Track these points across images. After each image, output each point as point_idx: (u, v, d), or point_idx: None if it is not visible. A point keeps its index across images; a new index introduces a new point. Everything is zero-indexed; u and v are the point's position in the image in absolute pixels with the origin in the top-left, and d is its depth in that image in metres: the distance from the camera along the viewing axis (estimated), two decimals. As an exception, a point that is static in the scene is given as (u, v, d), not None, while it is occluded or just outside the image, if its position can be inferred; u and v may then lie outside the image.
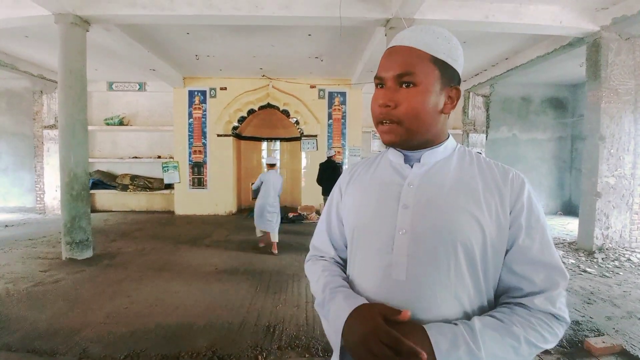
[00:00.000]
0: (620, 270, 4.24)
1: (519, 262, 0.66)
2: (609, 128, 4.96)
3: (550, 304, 0.63)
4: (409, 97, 0.67)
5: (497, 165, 0.73)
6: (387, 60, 0.69)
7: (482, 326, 0.60)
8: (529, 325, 0.61)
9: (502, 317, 0.62)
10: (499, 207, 0.67)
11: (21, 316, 2.85)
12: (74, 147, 4.58)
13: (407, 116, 0.67)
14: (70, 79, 4.54)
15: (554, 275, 0.65)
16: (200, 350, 2.37)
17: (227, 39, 5.89)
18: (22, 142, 8.49)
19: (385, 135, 0.71)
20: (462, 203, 0.66)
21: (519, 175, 0.71)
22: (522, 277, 0.66)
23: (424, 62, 0.66)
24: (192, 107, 8.49)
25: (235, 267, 4.30)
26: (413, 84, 0.66)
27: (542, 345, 0.61)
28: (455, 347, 0.57)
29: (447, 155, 0.74)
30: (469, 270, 0.65)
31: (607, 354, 2.35)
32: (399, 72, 0.67)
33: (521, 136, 8.97)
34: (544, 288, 0.64)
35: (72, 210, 4.56)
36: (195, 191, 8.63)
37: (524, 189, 0.69)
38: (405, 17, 4.41)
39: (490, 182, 0.69)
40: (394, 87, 0.68)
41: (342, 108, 8.65)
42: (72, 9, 4.40)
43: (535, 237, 0.66)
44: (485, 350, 0.57)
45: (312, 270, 0.85)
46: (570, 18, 4.80)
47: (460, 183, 0.69)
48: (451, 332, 0.59)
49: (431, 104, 0.68)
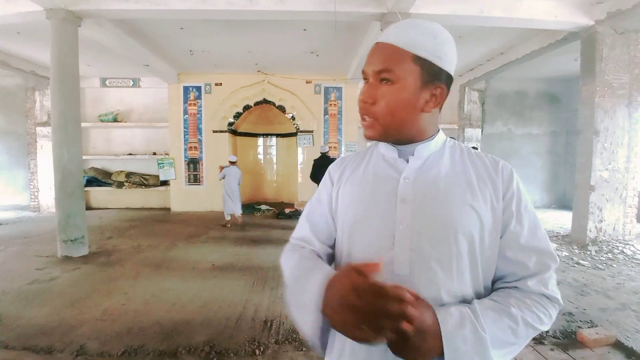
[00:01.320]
0: (614, 262, 4.30)
1: (511, 248, 0.68)
2: (603, 122, 4.99)
3: (542, 286, 0.66)
4: (386, 94, 0.67)
5: (487, 156, 0.75)
6: (371, 55, 0.70)
7: (483, 308, 0.62)
8: (525, 306, 0.63)
9: (500, 299, 0.64)
10: (493, 196, 0.69)
11: (17, 314, 2.84)
12: (67, 144, 4.54)
13: (382, 114, 0.68)
14: (62, 75, 4.49)
15: (545, 259, 0.68)
16: (197, 345, 2.38)
17: (222, 34, 5.83)
18: (15, 140, 8.39)
19: (366, 131, 0.73)
20: (459, 194, 0.67)
21: (507, 165, 0.73)
22: (515, 263, 0.68)
23: (404, 60, 0.66)
24: (187, 103, 8.43)
25: (232, 263, 4.31)
26: (391, 81, 0.67)
27: (538, 326, 0.63)
28: (461, 326, 0.58)
29: (438, 148, 0.75)
30: (470, 261, 0.66)
31: (600, 345, 2.38)
32: (379, 68, 0.67)
33: (516, 131, 9.02)
34: (536, 271, 0.67)
35: (66, 208, 4.53)
36: (191, 188, 8.60)
37: (513, 178, 0.71)
38: (401, 12, 4.39)
39: (482, 173, 0.71)
40: (375, 84, 0.69)
41: (338, 103, 8.64)
42: (63, 4, 4.34)
43: (525, 223, 0.69)
44: (489, 332, 0.59)
45: (289, 258, 0.79)
46: (565, 12, 4.80)
47: (455, 175, 0.70)
48: (458, 311, 0.60)
49: (408, 102, 0.68)
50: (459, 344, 0.57)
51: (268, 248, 4.99)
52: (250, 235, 5.75)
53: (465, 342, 0.57)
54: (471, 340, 0.57)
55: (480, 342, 0.58)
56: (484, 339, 0.58)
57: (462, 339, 0.57)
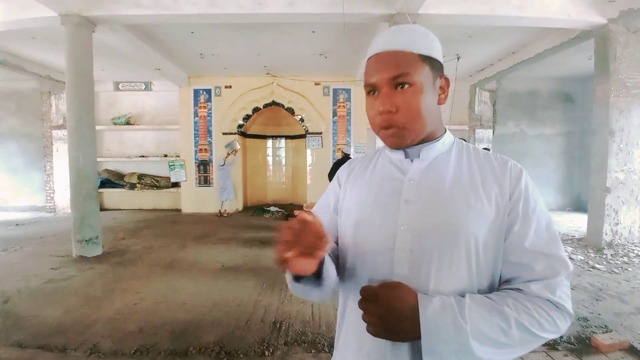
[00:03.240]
0: (629, 266, 4.19)
1: (515, 251, 0.65)
2: (618, 122, 4.88)
3: (548, 291, 0.62)
4: (408, 98, 0.67)
5: (496, 156, 0.73)
6: (377, 66, 0.69)
7: (472, 302, 0.60)
8: (523, 308, 0.60)
9: (495, 297, 0.62)
10: (499, 197, 0.67)
11: (33, 313, 2.92)
12: (82, 147, 4.64)
13: (411, 118, 0.67)
14: (77, 79, 4.60)
15: (554, 264, 0.64)
16: (208, 345, 2.41)
17: (231, 37, 5.90)
18: (31, 143, 8.62)
19: (391, 139, 0.71)
20: (464, 197, 0.67)
21: (516, 165, 0.71)
22: (519, 266, 0.65)
23: (414, 61, 0.67)
24: (197, 105, 8.54)
25: (242, 264, 4.34)
26: (409, 84, 0.67)
27: (538, 332, 0.59)
28: (441, 314, 0.58)
29: (445, 149, 0.74)
30: (472, 264, 0.65)
31: (614, 350, 2.33)
32: (394, 74, 0.66)
33: (529, 131, 8.86)
34: (543, 276, 0.63)
35: (81, 209, 4.63)
36: (202, 189, 8.70)
37: (522, 178, 0.69)
38: (410, 12, 4.37)
39: (489, 174, 0.70)
40: (390, 92, 0.68)
41: (346, 105, 8.63)
42: (77, 10, 4.45)
43: (531, 225, 0.65)
44: (471, 324, 0.57)
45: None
46: (577, 10, 4.71)
47: (460, 177, 0.70)
48: (440, 300, 0.60)
49: (429, 100, 0.69)
50: (435, 330, 0.57)
51: (277, 249, 5.01)
52: (259, 237, 5.78)
53: (442, 329, 0.57)
54: (449, 329, 0.57)
55: (459, 332, 0.57)
56: (462, 328, 0.57)
57: (439, 326, 0.57)
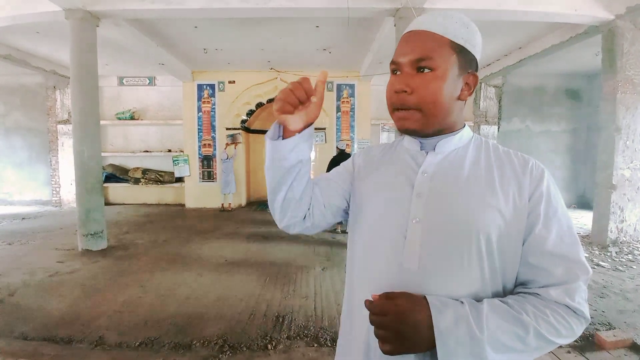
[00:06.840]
0: (634, 264, 4.17)
1: (535, 254, 0.63)
2: (624, 119, 4.82)
3: (567, 297, 0.60)
4: (426, 82, 0.65)
5: (517, 154, 0.70)
6: (405, 45, 0.67)
7: (490, 309, 0.58)
8: (541, 316, 0.58)
9: (514, 304, 0.59)
10: (517, 196, 0.65)
11: (39, 306, 2.96)
12: (87, 142, 4.67)
13: (424, 102, 0.65)
14: (81, 74, 4.62)
15: (574, 268, 0.62)
16: (211, 338, 2.43)
17: (235, 32, 5.88)
18: (36, 137, 8.68)
19: (401, 122, 0.69)
20: (479, 193, 0.65)
21: (538, 165, 0.68)
22: (538, 269, 0.63)
23: (442, 46, 0.65)
24: (201, 100, 8.54)
25: (244, 259, 4.36)
26: (430, 68, 0.65)
27: (555, 339, 0.58)
28: (456, 326, 0.56)
29: (463, 144, 0.72)
30: (485, 261, 0.63)
31: (617, 347, 2.33)
32: (417, 56, 0.65)
33: (534, 128, 8.79)
34: (563, 280, 0.61)
35: (86, 203, 4.67)
36: (205, 184, 8.73)
37: (544, 179, 0.66)
38: (415, 7, 4.33)
39: (508, 172, 0.67)
40: (411, 73, 0.66)
41: (350, 100, 8.59)
42: (81, 5, 4.45)
43: (553, 228, 0.63)
44: (488, 333, 0.55)
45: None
46: (585, 6, 4.65)
47: (476, 173, 0.68)
48: (455, 310, 0.57)
49: (448, 89, 0.66)
50: (451, 344, 0.55)
51: (280, 245, 5.04)
52: (262, 232, 5.80)
53: (458, 342, 0.55)
54: (465, 341, 0.55)
55: (475, 343, 0.55)
56: (479, 340, 0.55)
57: (455, 339, 0.55)
